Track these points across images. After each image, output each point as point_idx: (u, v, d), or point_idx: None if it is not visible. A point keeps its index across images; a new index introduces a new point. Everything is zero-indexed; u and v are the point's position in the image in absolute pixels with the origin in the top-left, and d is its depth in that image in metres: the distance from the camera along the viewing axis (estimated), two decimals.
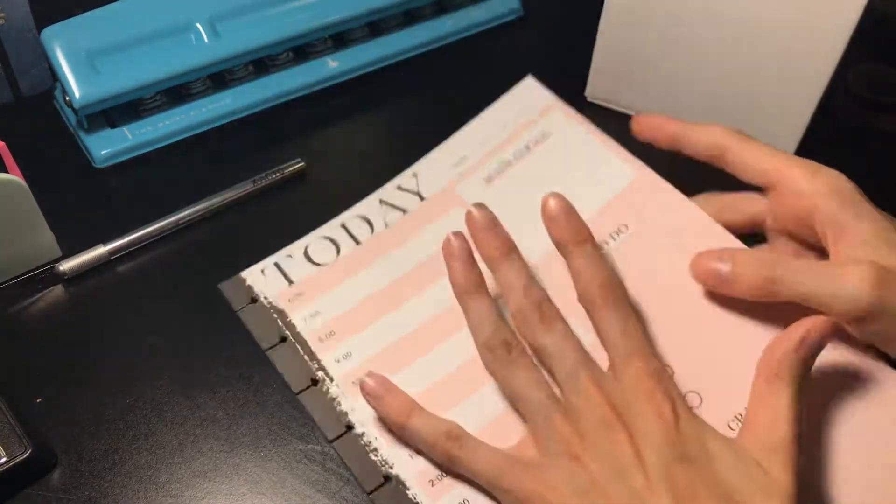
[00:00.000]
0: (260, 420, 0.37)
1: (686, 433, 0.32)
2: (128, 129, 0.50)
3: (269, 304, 0.41)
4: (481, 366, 0.36)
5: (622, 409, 0.33)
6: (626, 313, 0.35)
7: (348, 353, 0.39)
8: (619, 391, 0.33)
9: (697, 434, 0.32)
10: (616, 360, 0.34)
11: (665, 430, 0.32)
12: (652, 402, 0.32)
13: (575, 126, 0.44)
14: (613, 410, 0.33)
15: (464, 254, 0.37)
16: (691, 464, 0.31)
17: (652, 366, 0.34)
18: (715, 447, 0.32)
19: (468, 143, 0.46)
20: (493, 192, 0.43)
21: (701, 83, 0.49)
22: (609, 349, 0.35)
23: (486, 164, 0.44)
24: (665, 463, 0.31)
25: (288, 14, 0.53)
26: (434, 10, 0.59)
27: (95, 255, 0.43)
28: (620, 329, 0.34)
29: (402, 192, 0.45)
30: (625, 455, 0.32)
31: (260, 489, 0.35)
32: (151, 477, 0.36)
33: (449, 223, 0.42)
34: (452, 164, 0.45)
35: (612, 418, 0.32)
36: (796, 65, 0.46)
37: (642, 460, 0.31)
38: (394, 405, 0.36)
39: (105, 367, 0.39)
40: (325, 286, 0.42)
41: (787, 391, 0.32)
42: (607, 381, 0.34)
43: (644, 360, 0.34)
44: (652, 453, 0.31)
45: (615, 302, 0.35)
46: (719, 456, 0.32)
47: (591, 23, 0.51)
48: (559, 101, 0.45)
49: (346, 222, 0.45)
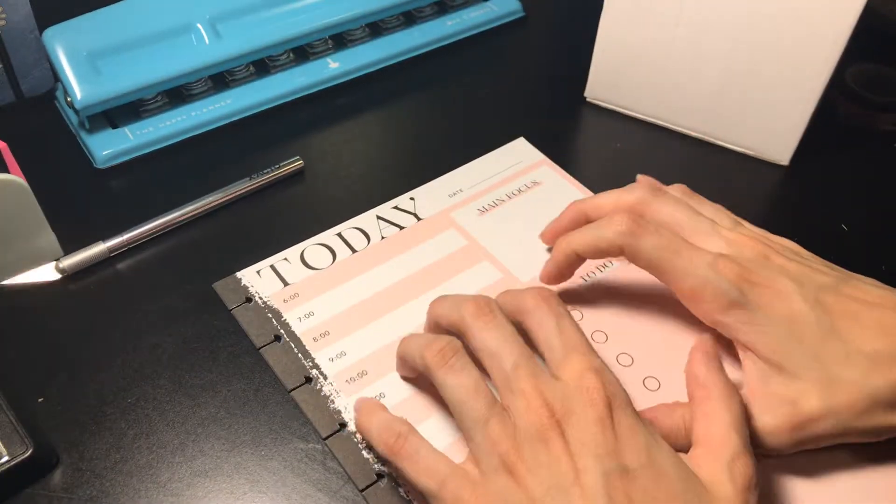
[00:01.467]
0: (261, 419, 0.38)
1: (627, 441, 0.31)
2: (129, 129, 0.50)
3: (264, 303, 0.42)
4: None
5: (559, 413, 0.31)
6: (560, 313, 0.34)
7: (342, 352, 0.39)
8: (557, 390, 0.32)
9: (640, 440, 0.31)
10: (554, 358, 0.33)
11: (603, 436, 0.30)
12: (593, 406, 0.31)
13: (563, 181, 0.49)
14: (550, 414, 0.31)
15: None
16: (632, 476, 0.30)
17: (593, 362, 0.32)
18: (659, 457, 0.31)
19: (463, 180, 0.49)
20: (484, 222, 0.46)
21: (701, 83, 0.49)
22: (546, 351, 0.34)
23: (481, 199, 0.48)
24: (604, 476, 0.29)
25: (288, 15, 0.54)
26: (434, 11, 0.59)
27: (95, 251, 0.43)
28: (555, 327, 0.34)
29: (398, 212, 0.47)
30: (562, 468, 0.30)
31: (261, 488, 0.35)
32: (152, 476, 0.36)
33: (443, 242, 0.45)
34: (448, 194, 0.48)
35: (549, 426, 0.31)
36: (796, 65, 0.46)
37: (579, 474, 0.30)
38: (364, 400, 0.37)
39: (107, 365, 0.39)
40: (321, 288, 0.42)
41: (725, 404, 0.32)
42: (546, 381, 0.32)
43: (583, 356, 0.33)
44: (590, 465, 0.30)
45: (548, 304, 0.34)
46: (663, 467, 0.30)
47: (591, 23, 0.51)
48: (548, 159, 0.50)
49: (342, 232, 0.45)
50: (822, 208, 0.48)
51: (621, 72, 0.52)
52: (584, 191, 0.48)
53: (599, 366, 0.33)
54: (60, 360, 0.40)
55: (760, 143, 0.50)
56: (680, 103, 0.51)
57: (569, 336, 0.34)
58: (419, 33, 0.58)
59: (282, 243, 0.44)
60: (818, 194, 0.49)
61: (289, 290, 0.42)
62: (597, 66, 0.52)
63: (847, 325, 0.34)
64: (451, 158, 0.50)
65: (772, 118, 0.49)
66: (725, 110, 0.50)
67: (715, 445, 0.31)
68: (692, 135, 0.52)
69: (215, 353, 0.40)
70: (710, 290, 0.35)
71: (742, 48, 0.47)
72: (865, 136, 0.54)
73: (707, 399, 0.33)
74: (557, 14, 0.63)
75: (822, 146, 0.51)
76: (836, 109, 0.54)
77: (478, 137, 0.52)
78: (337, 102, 0.55)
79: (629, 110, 0.53)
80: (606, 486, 0.29)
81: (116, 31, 0.49)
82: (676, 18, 0.48)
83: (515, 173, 0.49)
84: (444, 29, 0.59)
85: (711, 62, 0.48)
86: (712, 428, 0.32)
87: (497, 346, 0.33)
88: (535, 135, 0.51)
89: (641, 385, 0.38)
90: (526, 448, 0.31)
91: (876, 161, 0.52)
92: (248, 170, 0.48)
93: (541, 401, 0.31)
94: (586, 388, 0.31)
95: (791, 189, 0.49)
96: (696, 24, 0.47)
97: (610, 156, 0.52)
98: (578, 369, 0.32)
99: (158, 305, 0.42)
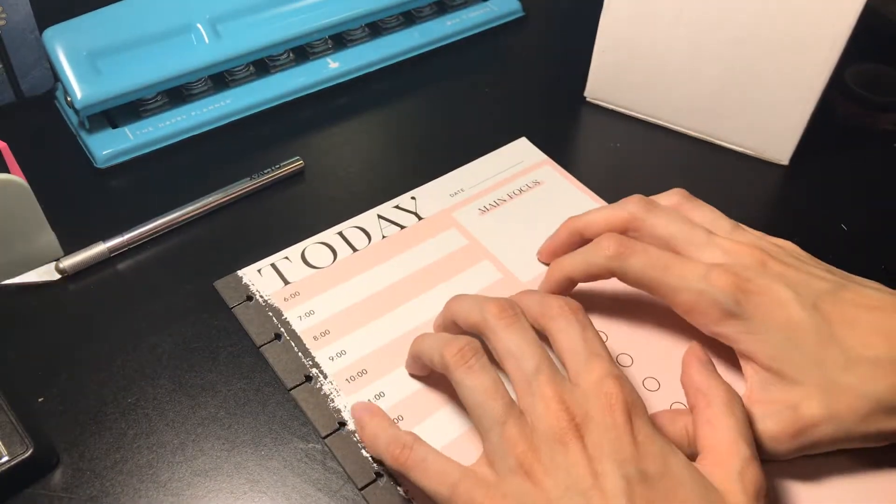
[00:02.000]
0: (261, 419, 0.38)
1: (646, 448, 0.31)
2: (129, 129, 0.50)
3: (265, 302, 0.42)
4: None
5: (579, 418, 0.31)
6: (585, 324, 0.34)
7: (343, 351, 0.40)
8: (577, 396, 0.32)
9: (658, 448, 0.31)
10: (576, 364, 0.33)
11: (623, 441, 0.30)
12: (612, 412, 0.31)
13: (565, 181, 0.49)
14: (569, 418, 0.31)
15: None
16: (651, 485, 0.30)
17: (613, 370, 0.32)
18: (676, 467, 0.31)
19: (464, 179, 0.49)
20: (486, 221, 0.46)
21: (701, 83, 0.49)
22: (568, 357, 0.33)
23: (482, 198, 0.47)
24: (624, 480, 0.29)
25: (288, 15, 0.54)
26: (434, 11, 0.59)
27: (95, 252, 0.43)
28: (580, 335, 0.34)
29: (400, 211, 0.46)
30: (580, 470, 0.30)
31: (261, 488, 0.35)
32: (153, 476, 0.36)
33: (444, 242, 0.45)
34: (449, 194, 0.48)
35: (567, 428, 0.31)
36: (795, 65, 0.46)
37: (598, 477, 0.30)
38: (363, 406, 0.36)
39: (107, 365, 0.39)
40: (321, 287, 0.42)
41: (728, 410, 0.33)
42: (565, 386, 0.32)
43: (605, 363, 0.33)
44: (610, 470, 0.30)
45: (573, 313, 0.35)
46: (680, 476, 0.30)
47: (591, 23, 0.51)
48: (550, 159, 0.50)
49: (343, 231, 0.45)
50: (821, 208, 0.48)
51: (621, 72, 0.52)
52: (585, 191, 0.48)
53: (619, 374, 0.33)
54: (61, 360, 0.40)
55: (760, 142, 0.50)
56: (680, 103, 0.51)
57: (592, 344, 0.34)
58: (419, 33, 0.58)
59: (281, 243, 0.44)
60: (818, 194, 0.49)
61: (289, 289, 0.42)
62: (597, 66, 0.53)
63: (846, 330, 0.34)
64: (451, 158, 0.50)
65: (772, 118, 0.49)
66: (725, 110, 0.50)
67: (723, 454, 0.31)
68: (692, 135, 0.52)
69: (215, 353, 0.40)
70: (704, 302, 0.35)
71: (742, 48, 0.47)
72: (865, 136, 0.54)
73: (709, 406, 0.33)
74: (557, 14, 0.63)
75: (822, 146, 0.51)
76: (836, 109, 0.54)
77: (478, 137, 0.52)
78: (337, 102, 0.55)
79: (629, 110, 0.53)
80: (627, 491, 0.29)
81: (116, 31, 0.49)
82: (676, 18, 0.48)
83: (517, 173, 0.49)
84: (443, 29, 0.59)
85: (711, 62, 0.48)
86: (718, 435, 0.32)
87: (519, 348, 0.33)
88: (535, 135, 0.51)
89: (641, 385, 0.38)
90: (544, 450, 0.31)
91: (876, 161, 0.52)
92: (248, 170, 0.48)
93: (560, 405, 0.31)
94: (606, 394, 0.31)
95: (791, 189, 0.49)
96: (696, 24, 0.47)
97: (610, 156, 0.52)
98: (599, 375, 0.32)
99: (158, 306, 0.42)
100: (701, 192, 0.41)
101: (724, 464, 0.31)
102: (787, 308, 0.34)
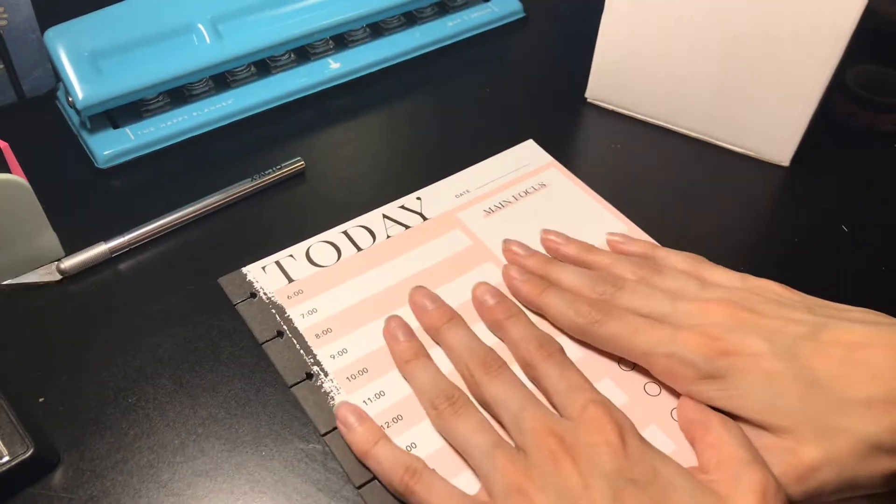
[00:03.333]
0: (261, 419, 0.38)
1: (635, 458, 0.31)
2: (130, 129, 0.50)
3: (269, 299, 0.42)
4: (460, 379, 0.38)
5: (568, 441, 0.32)
6: (563, 362, 0.36)
7: (344, 350, 0.40)
8: (566, 425, 0.33)
9: (648, 459, 0.32)
10: (560, 400, 0.35)
11: (613, 456, 0.31)
12: (600, 432, 0.32)
13: (571, 184, 0.48)
14: (559, 441, 0.32)
15: (401, 329, 0.39)
16: (640, 488, 0.30)
17: (596, 396, 0.34)
18: (667, 473, 0.31)
19: (470, 181, 0.49)
20: (490, 223, 0.46)
21: (701, 83, 0.50)
22: (552, 397, 0.35)
23: (487, 200, 0.47)
24: (612, 489, 0.30)
25: (289, 15, 0.54)
26: (435, 12, 0.59)
27: (97, 252, 0.43)
28: (558, 375, 0.36)
29: (405, 211, 0.47)
30: (570, 484, 0.31)
31: (261, 488, 0.35)
32: (153, 476, 0.36)
33: (449, 242, 0.45)
34: (455, 195, 0.48)
35: (559, 450, 0.32)
36: (796, 65, 0.46)
37: (589, 489, 0.30)
38: (361, 434, 0.36)
39: (107, 365, 0.39)
40: (325, 286, 0.42)
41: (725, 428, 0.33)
42: (553, 418, 0.34)
43: (587, 391, 0.34)
44: (599, 481, 0.30)
45: (551, 355, 0.37)
46: (672, 481, 0.31)
47: (592, 24, 0.51)
48: (557, 162, 0.50)
49: (348, 230, 0.45)
50: (822, 209, 0.48)
51: (622, 72, 0.52)
52: (591, 195, 0.48)
53: (602, 399, 0.34)
54: (61, 360, 0.40)
55: (761, 143, 0.50)
56: (680, 103, 0.51)
57: (571, 380, 0.35)
58: (420, 34, 0.58)
59: (283, 244, 0.44)
60: (818, 195, 0.49)
61: (293, 287, 0.42)
62: (597, 66, 0.53)
63: (832, 373, 0.32)
64: (451, 159, 0.50)
65: (772, 119, 0.49)
66: (725, 110, 0.50)
67: (724, 462, 0.32)
68: (693, 136, 0.52)
69: (216, 353, 0.40)
70: (676, 364, 0.35)
71: (743, 49, 0.47)
72: (865, 137, 0.54)
73: (708, 432, 0.33)
74: (558, 14, 0.63)
75: (823, 147, 0.51)
76: (837, 110, 0.54)
77: (477, 138, 0.52)
78: (338, 103, 0.55)
79: (630, 111, 0.53)
80: (615, 496, 0.30)
81: (118, 32, 0.49)
82: (677, 20, 0.48)
83: (523, 175, 0.49)
84: (444, 29, 0.59)
85: (711, 62, 0.48)
86: (719, 452, 0.32)
87: (507, 393, 0.35)
88: (535, 135, 0.51)
89: (642, 391, 0.38)
90: (535, 471, 0.32)
91: (876, 161, 0.52)
92: (250, 170, 0.48)
93: (548, 430, 0.33)
94: (591, 418, 0.33)
95: (791, 190, 0.49)
96: (697, 26, 0.47)
97: (610, 156, 0.52)
98: (582, 403, 0.34)
99: (159, 306, 0.42)
100: (701, 193, 0.41)
101: (725, 470, 0.31)
102: (763, 361, 0.33)
